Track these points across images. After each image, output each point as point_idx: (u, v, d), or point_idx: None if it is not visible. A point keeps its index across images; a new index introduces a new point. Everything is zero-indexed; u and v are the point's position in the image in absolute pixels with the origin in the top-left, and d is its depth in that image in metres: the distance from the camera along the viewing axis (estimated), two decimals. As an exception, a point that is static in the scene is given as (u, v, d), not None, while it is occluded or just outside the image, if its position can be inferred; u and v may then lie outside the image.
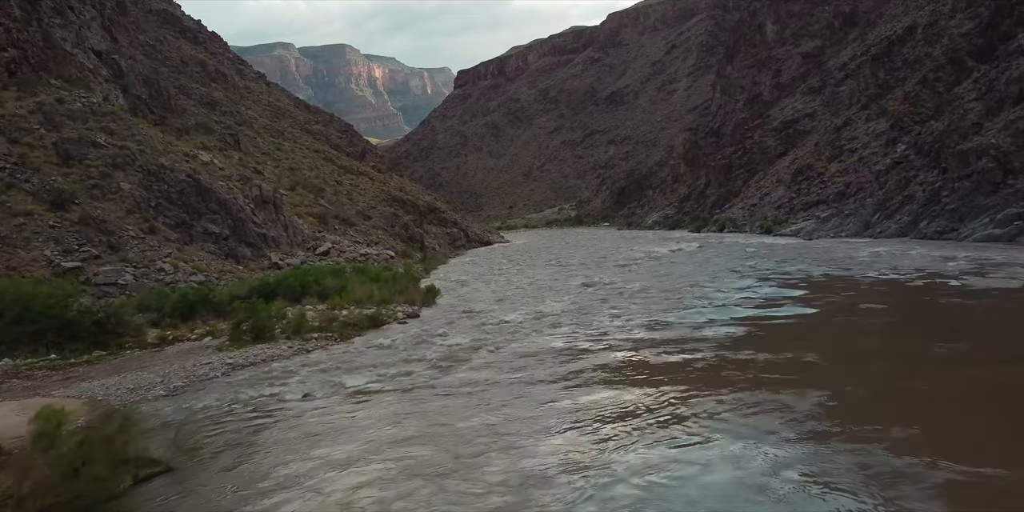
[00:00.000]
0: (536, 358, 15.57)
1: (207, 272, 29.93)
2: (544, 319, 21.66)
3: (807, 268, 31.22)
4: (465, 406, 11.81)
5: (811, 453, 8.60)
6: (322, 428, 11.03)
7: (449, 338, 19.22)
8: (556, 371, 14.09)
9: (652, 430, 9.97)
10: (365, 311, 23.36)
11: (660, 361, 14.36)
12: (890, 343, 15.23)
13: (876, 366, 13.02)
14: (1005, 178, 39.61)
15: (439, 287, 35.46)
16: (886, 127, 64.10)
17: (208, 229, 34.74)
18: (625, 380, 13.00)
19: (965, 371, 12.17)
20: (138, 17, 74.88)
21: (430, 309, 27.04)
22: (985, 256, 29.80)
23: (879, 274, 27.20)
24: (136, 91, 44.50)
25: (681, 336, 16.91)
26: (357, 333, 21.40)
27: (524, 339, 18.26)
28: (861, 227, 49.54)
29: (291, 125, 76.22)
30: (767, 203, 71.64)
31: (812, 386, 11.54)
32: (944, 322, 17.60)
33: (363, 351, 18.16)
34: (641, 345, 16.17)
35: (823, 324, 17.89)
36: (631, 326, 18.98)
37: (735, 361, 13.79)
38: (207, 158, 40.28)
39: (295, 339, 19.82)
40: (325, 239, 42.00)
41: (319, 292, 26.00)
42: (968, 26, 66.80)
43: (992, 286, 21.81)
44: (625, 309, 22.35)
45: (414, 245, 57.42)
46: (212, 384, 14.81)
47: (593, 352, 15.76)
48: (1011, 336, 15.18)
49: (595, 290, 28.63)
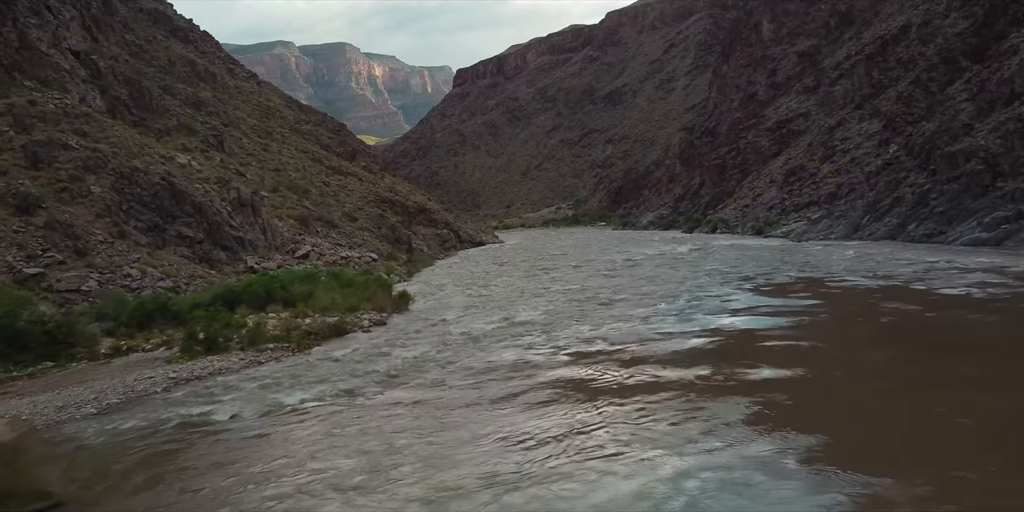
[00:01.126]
0: (487, 374, 15.03)
1: (176, 277, 29.39)
2: (511, 329, 21.12)
3: (781, 273, 30.62)
4: (393, 431, 11.26)
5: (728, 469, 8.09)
6: (236, 454, 10.50)
7: (407, 350, 18.68)
8: (501, 390, 13.53)
9: (577, 454, 9.43)
10: (329, 319, 22.81)
11: (612, 378, 13.80)
12: (849, 354, 14.69)
13: (843, 380, 12.48)
14: (994, 180, 39.00)
15: (416, 292, 35.02)
16: (879, 127, 63.46)
17: (182, 233, 34.21)
18: (566, 399, 12.45)
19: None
20: (127, 16, 74.27)
21: (401, 315, 26.54)
22: (957, 261, 29.15)
23: (844, 280, 26.63)
24: (115, 92, 43.95)
25: (642, 350, 16.35)
26: (317, 343, 20.86)
27: (482, 352, 17.71)
28: (851, 229, 48.95)
29: (280, 125, 75.65)
30: (759, 204, 71.03)
31: (760, 405, 11.00)
32: (886, 335, 17.06)
33: (315, 364, 17.61)
34: (598, 360, 15.61)
35: (789, 336, 17.31)
36: (595, 337, 18.43)
37: (692, 379, 13.24)
38: (184, 160, 39.75)
39: (249, 350, 19.28)
40: (305, 242, 41.46)
41: (286, 299, 25.43)
42: (962, 25, 66.11)
43: (942, 294, 21.23)
44: (595, 319, 21.78)
45: (401, 247, 56.86)
46: (148, 401, 14.27)
47: (547, 368, 15.20)
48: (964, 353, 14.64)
49: (571, 296, 28.07)
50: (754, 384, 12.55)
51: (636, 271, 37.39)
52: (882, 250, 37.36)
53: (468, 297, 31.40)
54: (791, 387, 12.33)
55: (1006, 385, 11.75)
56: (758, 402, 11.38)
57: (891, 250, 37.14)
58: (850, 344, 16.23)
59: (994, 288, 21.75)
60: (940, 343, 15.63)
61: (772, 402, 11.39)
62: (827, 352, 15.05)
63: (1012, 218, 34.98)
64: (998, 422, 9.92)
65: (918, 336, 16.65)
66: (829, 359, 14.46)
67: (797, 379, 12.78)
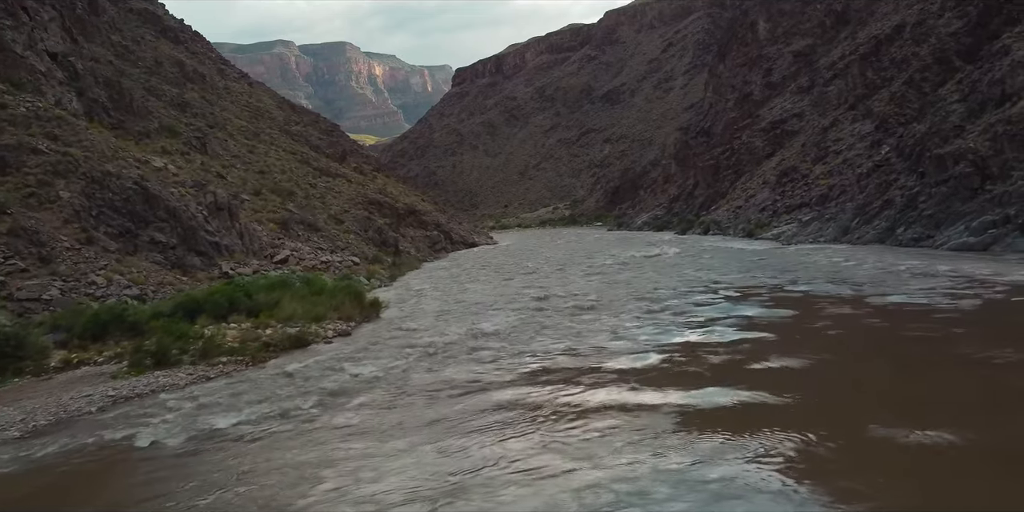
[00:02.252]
0: (435, 393, 14.46)
1: (143, 285, 28.81)
2: (475, 341, 20.55)
3: (758, 280, 30.00)
4: (313, 463, 10.68)
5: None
6: (137, 491, 9.91)
7: (361, 365, 18.10)
8: (444, 412, 12.97)
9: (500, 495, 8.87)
10: (290, 330, 22.24)
11: (559, 400, 13.19)
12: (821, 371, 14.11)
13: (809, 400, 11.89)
14: (983, 184, 38.36)
15: (394, 297, 34.62)
16: (871, 128, 62.82)
17: (155, 238, 33.63)
18: (506, 423, 11.87)
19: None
20: (115, 16, 73.72)
21: (371, 324, 26.04)
22: (932, 269, 28.52)
23: (812, 289, 26.01)
24: (92, 94, 43.37)
25: (598, 367, 15.75)
26: (275, 355, 20.31)
27: (437, 368, 17.13)
28: (840, 232, 48.31)
29: (269, 126, 75.06)
30: (751, 205, 70.39)
31: (702, 431, 10.43)
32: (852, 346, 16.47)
33: (265, 380, 17.04)
34: (550, 379, 15.01)
35: (744, 350, 16.72)
36: (555, 352, 17.85)
37: (637, 402, 12.66)
38: (161, 163, 39.20)
39: (201, 364, 18.70)
40: (284, 246, 40.89)
41: (250, 308, 24.84)
42: (956, 25, 65.42)
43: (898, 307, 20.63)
44: (560, 330, 21.23)
45: (388, 250, 56.28)
46: (78, 423, 13.70)
47: (497, 387, 14.61)
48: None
49: (545, 304, 27.48)
50: (703, 411, 11.97)
51: (617, 276, 36.82)
52: (864, 255, 36.69)
53: (443, 303, 30.86)
54: (738, 412, 11.75)
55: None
56: (700, 428, 10.83)
57: (873, 255, 36.50)
58: (809, 360, 15.62)
59: (964, 299, 21.13)
60: (892, 358, 15.05)
61: (717, 427, 10.82)
62: (783, 372, 14.44)
63: (999, 222, 34.36)
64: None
65: (867, 351, 16.07)
66: (783, 378, 13.86)
67: (747, 405, 12.18)
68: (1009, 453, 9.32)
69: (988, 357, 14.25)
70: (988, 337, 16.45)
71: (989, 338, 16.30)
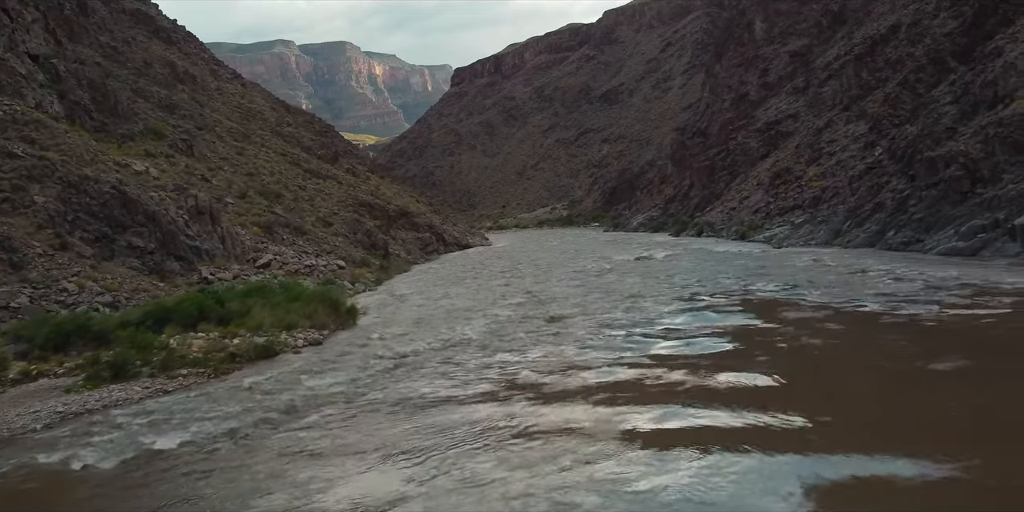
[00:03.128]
0: (392, 410, 14.03)
1: (117, 291, 28.37)
2: (444, 351, 20.14)
3: (740, 287, 29.54)
4: (250, 489, 10.24)
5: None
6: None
7: (324, 377, 17.68)
8: (395, 431, 12.55)
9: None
10: (258, 340, 21.80)
11: (519, 419, 12.75)
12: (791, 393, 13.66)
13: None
14: (973, 187, 37.89)
15: (375, 302, 34.25)
16: (865, 130, 62.35)
17: (132, 243, 33.18)
18: (455, 447, 11.43)
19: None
20: (106, 17, 73.30)
21: (346, 331, 25.64)
22: (920, 274, 28.06)
23: (785, 295, 25.55)
24: (75, 96, 42.92)
25: (562, 383, 15.32)
26: (240, 366, 19.88)
27: (402, 380, 16.73)
28: (831, 235, 47.83)
29: (261, 127, 74.62)
30: (745, 207, 69.90)
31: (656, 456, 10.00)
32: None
33: (222, 394, 16.61)
34: (512, 394, 14.57)
35: (725, 364, 16.28)
36: (522, 364, 17.41)
37: (591, 421, 12.23)
38: (141, 167, 38.77)
39: (160, 377, 18.27)
40: (267, 250, 40.45)
41: (221, 316, 24.39)
42: (951, 25, 64.90)
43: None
44: (533, 339, 20.81)
45: (377, 252, 55.80)
46: (19, 442, 13.26)
47: (456, 403, 14.19)
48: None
49: (522, 310, 27.07)
50: (662, 432, 11.54)
51: (599, 280, 36.43)
52: (849, 260, 36.20)
53: (423, 309, 30.46)
54: (701, 435, 11.31)
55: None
56: (656, 451, 10.42)
57: (858, 259, 36.03)
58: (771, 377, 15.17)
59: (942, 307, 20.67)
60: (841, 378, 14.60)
61: (674, 449, 10.40)
62: (749, 391, 13.99)
63: (989, 227, 33.89)
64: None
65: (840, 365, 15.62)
66: (748, 396, 13.41)
67: (708, 428, 11.74)
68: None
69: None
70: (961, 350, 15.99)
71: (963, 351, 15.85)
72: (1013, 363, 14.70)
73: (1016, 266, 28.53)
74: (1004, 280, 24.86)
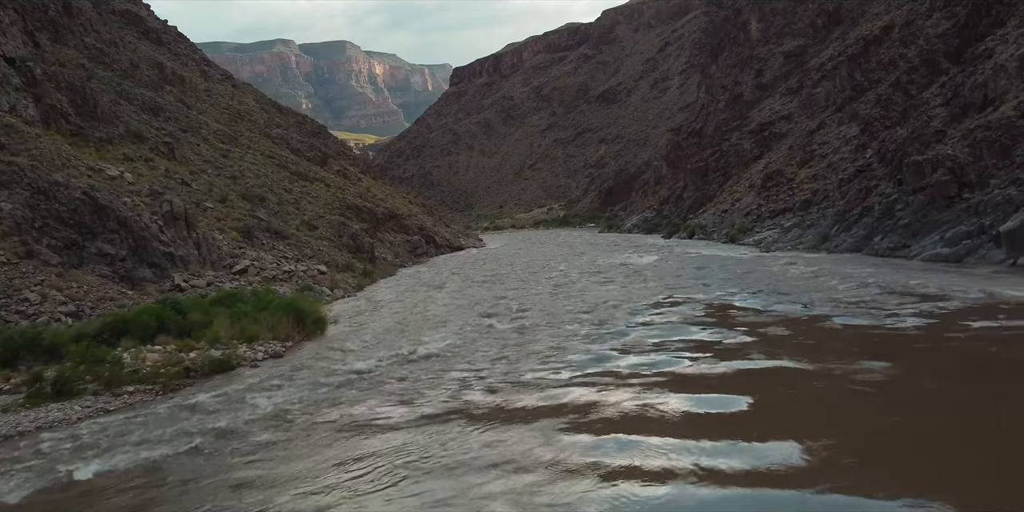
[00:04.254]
0: (329, 436, 13.47)
1: (81, 301, 27.83)
2: (403, 367, 19.62)
3: (720, 296, 29.00)
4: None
5: None
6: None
7: (272, 395, 17.14)
8: (319, 460, 12.01)
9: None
10: (215, 353, 21.26)
11: (451, 450, 12.20)
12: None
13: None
14: (960, 192, 37.29)
15: (351, 309, 33.85)
16: (857, 132, 61.74)
17: (103, 250, 32.65)
18: (371, 480, 10.89)
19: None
20: (94, 18, 72.75)
21: (312, 342, 25.13)
22: (882, 281, 27.51)
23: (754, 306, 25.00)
24: (51, 100, 42.38)
25: (513, 403, 14.77)
26: (192, 382, 19.36)
27: (351, 400, 16.21)
28: (819, 239, 47.23)
29: (249, 129, 74.06)
30: (737, 210, 69.29)
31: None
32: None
33: (164, 414, 16.06)
34: (455, 417, 14.02)
35: (687, 381, 15.72)
36: (476, 384, 16.84)
37: (522, 450, 11.68)
38: (115, 172, 38.24)
39: (105, 394, 17.73)
40: (245, 256, 39.90)
41: (182, 327, 23.84)
42: (944, 26, 64.34)
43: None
44: (495, 352, 20.26)
45: (363, 256, 55.22)
46: (-65, 469, 12.72)
47: (391, 429, 13.64)
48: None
49: (493, 320, 26.52)
50: (600, 466, 10.98)
51: (579, 286, 35.89)
52: (831, 266, 35.58)
53: (396, 318, 29.97)
54: (647, 473, 10.75)
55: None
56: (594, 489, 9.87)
57: (840, 266, 35.45)
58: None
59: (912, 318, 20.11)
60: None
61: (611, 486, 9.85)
62: (708, 419, 13.44)
63: (974, 233, 33.28)
64: None
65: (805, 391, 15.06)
66: (703, 424, 12.87)
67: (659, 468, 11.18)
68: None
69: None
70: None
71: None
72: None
73: (999, 274, 27.93)
74: (968, 290, 24.29)
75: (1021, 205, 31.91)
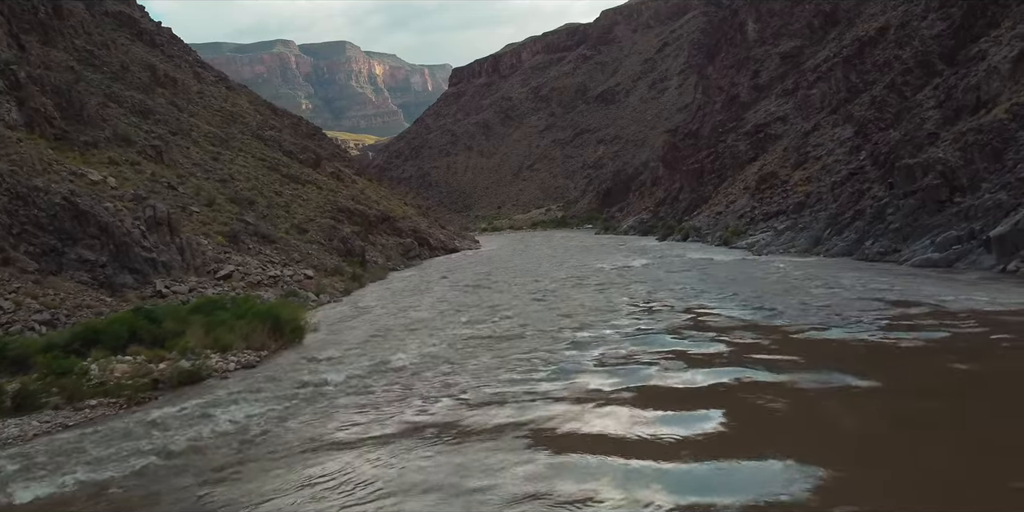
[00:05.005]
0: (275, 458, 13.09)
1: (57, 309, 27.47)
2: (374, 378, 19.29)
3: (701, 301, 28.66)
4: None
5: None
6: None
7: (237, 409, 16.76)
8: (255, 491, 11.66)
9: None
10: (185, 364, 20.91)
11: (391, 476, 11.87)
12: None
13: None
14: (951, 196, 36.92)
15: (335, 316, 33.64)
16: (851, 134, 61.35)
17: (83, 256, 32.31)
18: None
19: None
20: (85, 20, 72.45)
21: (287, 351, 24.82)
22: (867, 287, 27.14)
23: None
24: (35, 103, 42.04)
25: (469, 422, 14.41)
26: (159, 394, 19.03)
27: (308, 418, 15.78)
28: (811, 243, 46.86)
29: (241, 131, 73.73)
30: (731, 212, 68.92)
31: None
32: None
33: (123, 430, 15.67)
34: (406, 439, 13.65)
35: (657, 397, 15.36)
36: (439, 400, 16.43)
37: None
38: (98, 176, 37.91)
39: (66, 408, 17.38)
40: (230, 261, 39.55)
41: (156, 336, 23.46)
42: (940, 27, 63.92)
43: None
44: (465, 366, 19.88)
45: (353, 260, 54.87)
46: None
47: (341, 449, 13.30)
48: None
49: (471, 330, 26.16)
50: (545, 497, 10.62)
51: (564, 292, 35.56)
52: (817, 271, 35.22)
53: (377, 324, 29.70)
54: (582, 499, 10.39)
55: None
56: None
57: (826, 270, 35.10)
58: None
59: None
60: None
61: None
62: (678, 444, 13.07)
63: (964, 238, 32.91)
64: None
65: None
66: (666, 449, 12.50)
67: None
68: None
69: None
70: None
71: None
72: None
73: (985, 281, 27.56)
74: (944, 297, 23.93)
75: (1012, 210, 31.54)
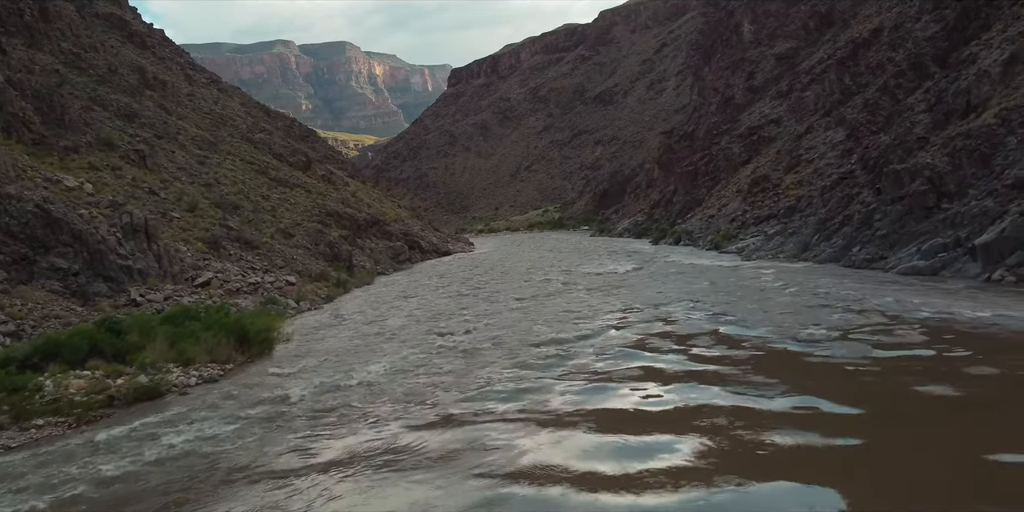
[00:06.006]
0: (205, 492, 12.63)
1: (23, 319, 26.99)
2: (334, 394, 18.79)
3: (687, 311, 28.14)
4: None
5: None
6: None
7: (186, 431, 16.26)
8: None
9: None
10: (143, 379, 20.41)
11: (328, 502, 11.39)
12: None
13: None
14: (939, 202, 36.39)
15: (312, 324, 33.18)
16: (843, 137, 60.85)
17: (55, 264, 31.83)
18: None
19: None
20: (74, 22, 72.00)
21: (254, 365, 24.32)
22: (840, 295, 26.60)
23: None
24: (13, 108, 41.57)
25: (420, 446, 13.92)
26: (113, 411, 18.53)
27: (255, 443, 15.28)
28: (800, 248, 46.31)
29: (231, 134, 73.26)
30: (723, 215, 68.40)
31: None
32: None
33: (63, 454, 15.15)
34: (356, 461, 13.18)
35: (605, 420, 14.85)
36: (394, 420, 15.95)
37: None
38: (74, 183, 37.42)
39: (12, 428, 16.87)
40: (209, 268, 39.06)
41: (118, 350, 22.94)
42: (933, 29, 63.39)
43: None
44: (431, 381, 19.39)
45: (340, 264, 54.42)
46: None
47: (281, 479, 12.83)
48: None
49: (445, 341, 25.67)
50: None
51: (548, 299, 35.05)
52: (802, 278, 34.69)
53: (353, 333, 29.24)
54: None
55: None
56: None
57: (808, 276, 34.57)
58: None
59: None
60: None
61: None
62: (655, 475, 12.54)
63: (950, 245, 32.37)
64: None
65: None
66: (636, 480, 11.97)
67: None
68: None
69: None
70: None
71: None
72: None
73: (969, 290, 27.01)
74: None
75: (997, 217, 31.01)
